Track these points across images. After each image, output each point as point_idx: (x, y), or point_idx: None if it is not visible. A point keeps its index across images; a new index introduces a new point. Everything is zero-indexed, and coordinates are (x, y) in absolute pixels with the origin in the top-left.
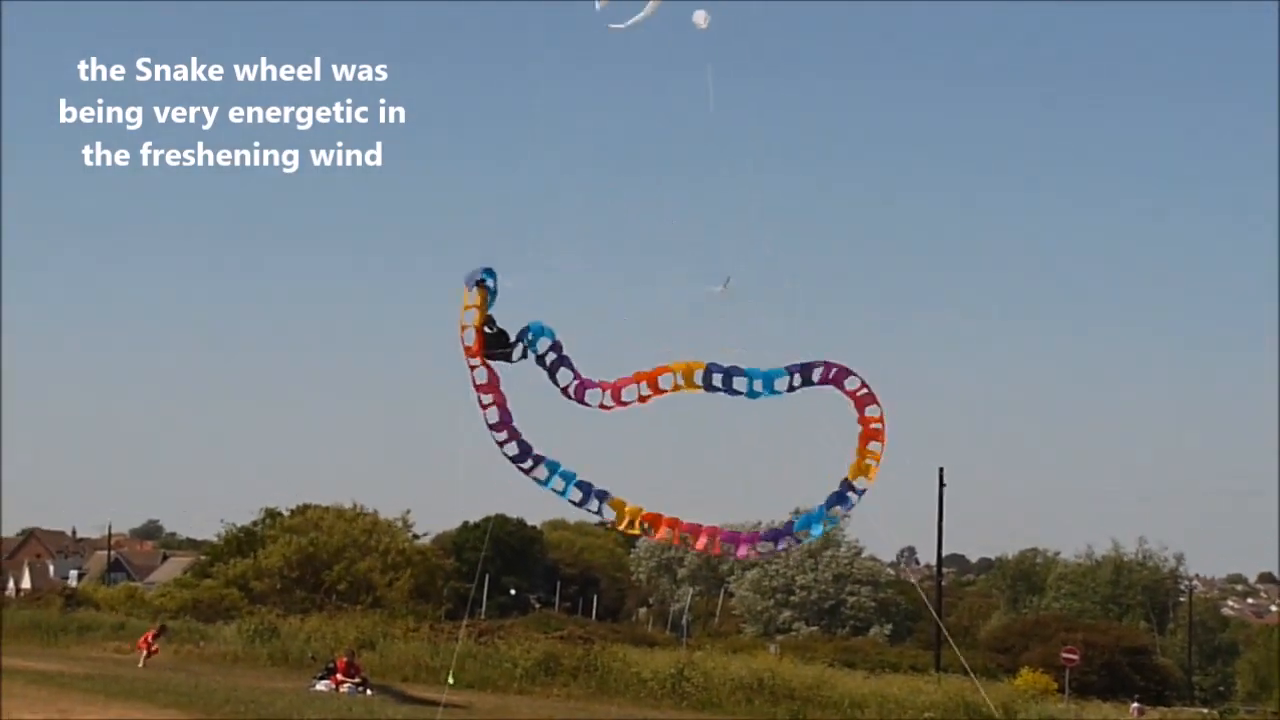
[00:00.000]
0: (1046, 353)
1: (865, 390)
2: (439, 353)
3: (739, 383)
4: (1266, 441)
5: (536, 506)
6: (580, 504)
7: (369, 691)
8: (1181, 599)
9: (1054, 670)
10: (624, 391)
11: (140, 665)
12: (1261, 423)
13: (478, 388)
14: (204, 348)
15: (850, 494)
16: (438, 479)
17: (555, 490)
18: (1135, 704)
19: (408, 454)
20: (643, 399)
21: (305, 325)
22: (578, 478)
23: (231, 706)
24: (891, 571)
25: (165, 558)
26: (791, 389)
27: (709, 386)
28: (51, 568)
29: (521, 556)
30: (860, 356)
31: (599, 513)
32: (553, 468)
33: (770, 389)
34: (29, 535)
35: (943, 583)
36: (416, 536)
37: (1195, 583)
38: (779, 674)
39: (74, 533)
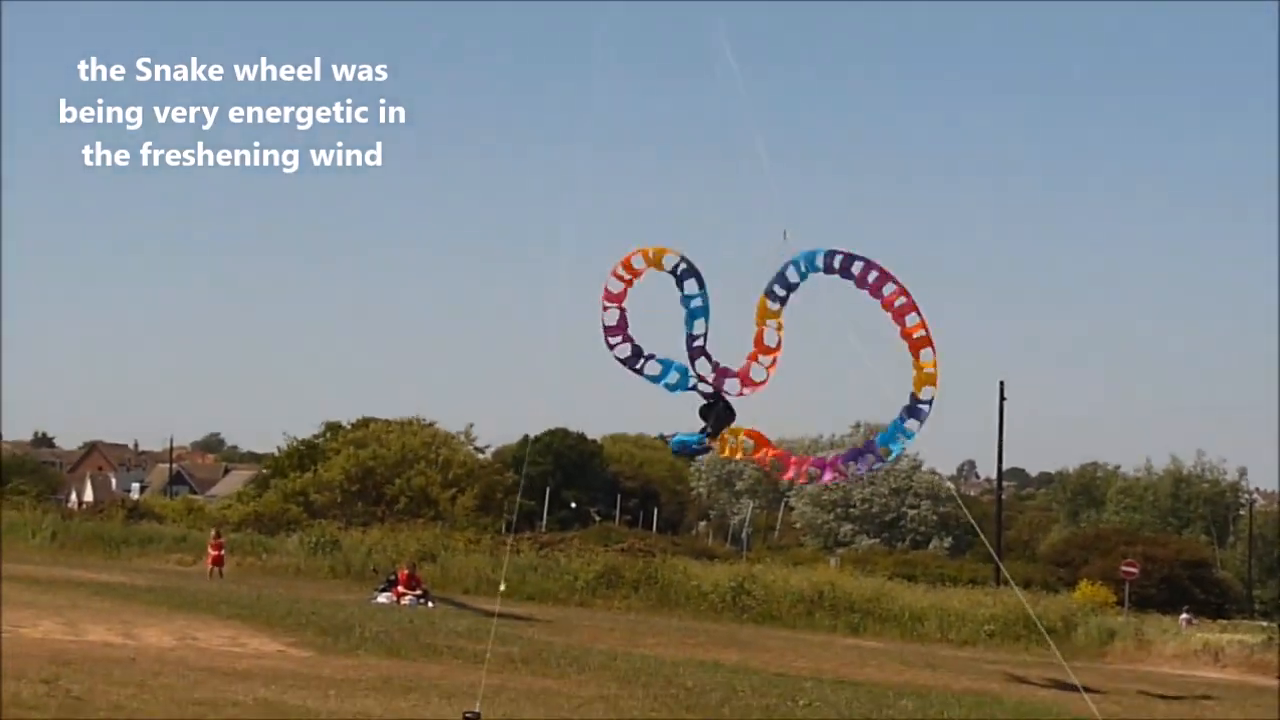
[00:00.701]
0: (1108, 266)
1: (904, 299)
2: (499, 264)
3: (790, 272)
4: None
5: (597, 420)
6: (695, 388)
7: (430, 603)
8: (1242, 512)
9: (1113, 584)
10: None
11: (209, 576)
12: None
13: (609, 295)
14: (264, 258)
15: (921, 405)
16: (500, 392)
17: (668, 385)
18: (1185, 615)
19: (471, 367)
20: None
21: (369, 236)
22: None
23: (294, 618)
24: (950, 485)
25: (227, 471)
26: (829, 269)
27: (780, 299)
28: (114, 480)
29: (582, 470)
30: (919, 271)
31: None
32: (665, 365)
33: (812, 265)
34: (91, 448)
35: (1002, 497)
36: (479, 450)
37: (1256, 496)
38: (839, 587)
39: (136, 446)
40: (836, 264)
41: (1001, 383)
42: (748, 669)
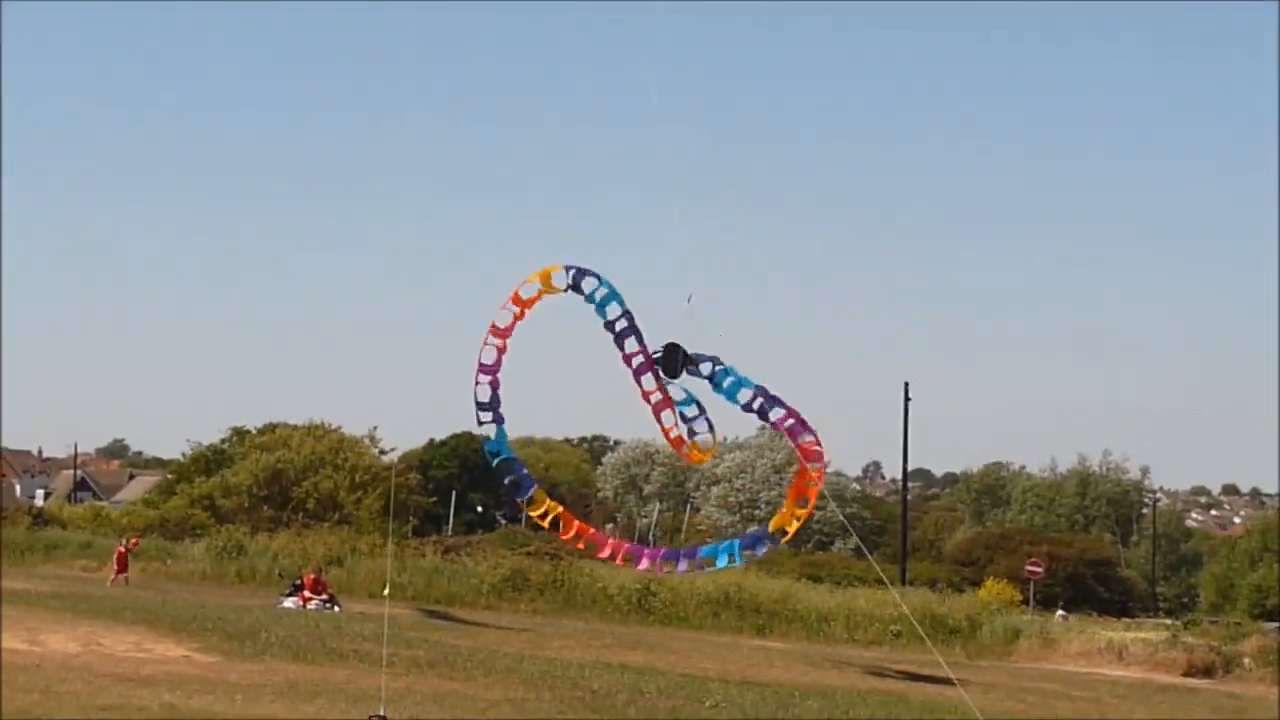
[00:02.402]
0: (1014, 266)
1: (817, 447)
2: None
3: (704, 367)
4: (1230, 355)
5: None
6: (508, 481)
7: (336, 608)
8: (1146, 511)
9: (1019, 583)
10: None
11: (109, 584)
12: (1225, 336)
13: (495, 329)
14: (170, 266)
15: (769, 541)
16: (404, 396)
17: (490, 453)
18: (1060, 612)
19: (375, 372)
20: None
21: (273, 241)
22: (513, 455)
23: (199, 623)
24: (857, 486)
25: (132, 476)
26: (748, 409)
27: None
28: (18, 487)
29: (487, 473)
30: (829, 276)
31: (521, 496)
32: (500, 438)
33: (733, 395)
34: None
35: (908, 497)
36: (383, 453)
37: (1160, 495)
38: (745, 588)
39: (40, 452)
40: (755, 406)
41: (906, 384)
42: (654, 670)
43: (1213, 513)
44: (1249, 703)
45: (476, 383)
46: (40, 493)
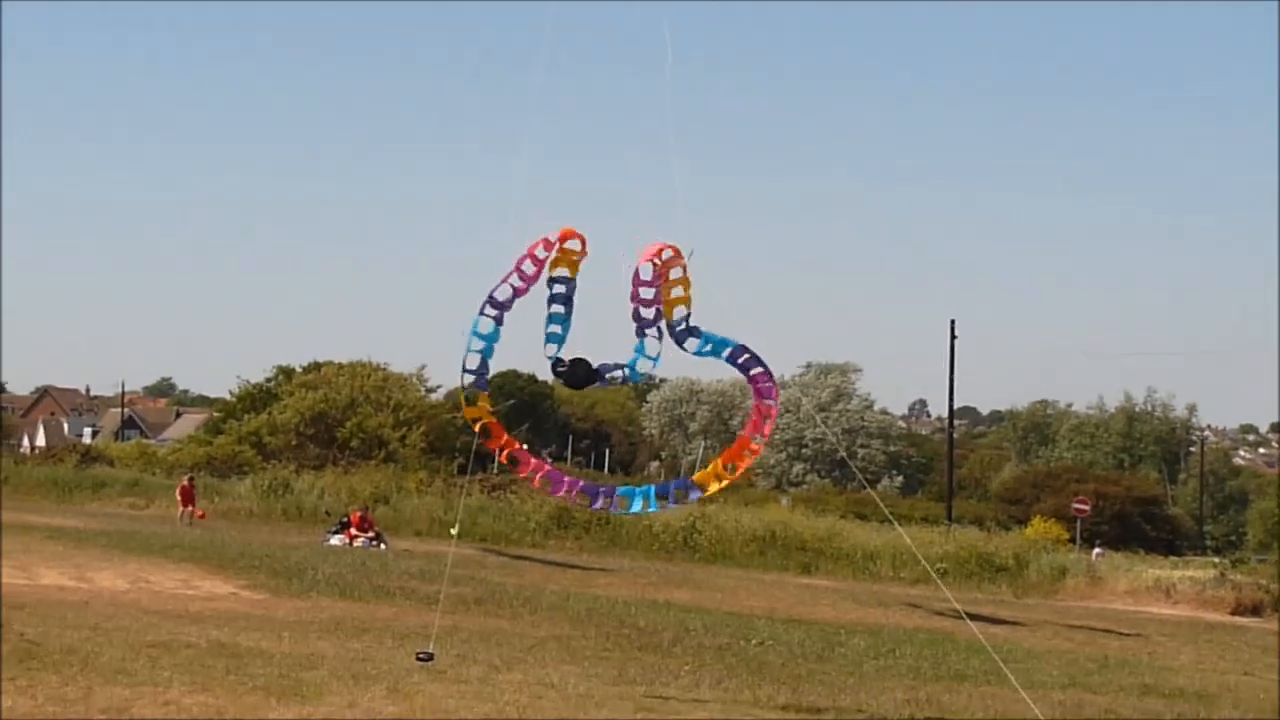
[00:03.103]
0: (1061, 203)
1: (771, 416)
2: (455, 208)
3: (690, 343)
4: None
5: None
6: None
7: (383, 545)
8: (1193, 449)
9: (1065, 521)
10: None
11: (181, 521)
12: (1274, 272)
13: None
14: (217, 202)
15: (690, 492)
16: (452, 335)
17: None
18: (1097, 550)
19: (421, 309)
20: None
21: (320, 181)
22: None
23: (246, 561)
24: (903, 424)
25: (179, 415)
26: (732, 359)
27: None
28: (66, 425)
29: (533, 411)
30: (871, 211)
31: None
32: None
33: (717, 352)
34: (43, 393)
35: (954, 435)
36: (430, 391)
37: (1207, 433)
38: (791, 526)
39: (88, 391)
40: (739, 360)
41: (952, 321)
42: (700, 608)
43: (1260, 451)
44: None
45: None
46: (88, 431)
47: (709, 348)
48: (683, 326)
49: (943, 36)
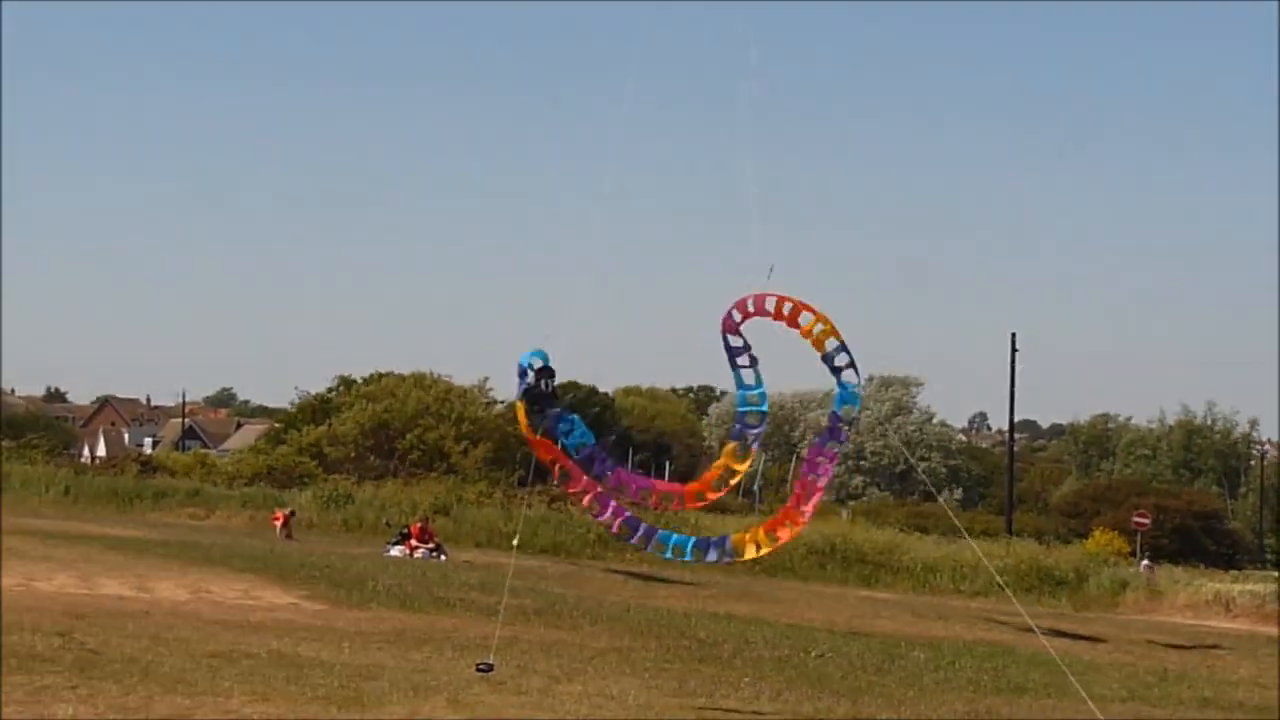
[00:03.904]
0: (1120, 217)
1: (816, 493)
2: (516, 218)
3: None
4: None
5: (609, 373)
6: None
7: (443, 557)
8: (1253, 463)
9: (1125, 535)
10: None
11: (279, 539)
12: None
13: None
14: (281, 214)
15: (723, 553)
16: (513, 346)
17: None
18: (1145, 563)
19: (484, 321)
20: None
21: (383, 190)
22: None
23: (307, 571)
24: (963, 438)
25: (239, 425)
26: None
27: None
28: (126, 435)
29: (594, 423)
30: (932, 224)
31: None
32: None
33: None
34: (103, 403)
35: (1014, 448)
36: (490, 404)
37: (1268, 447)
38: (851, 539)
39: (148, 401)
40: (833, 425)
41: (1013, 334)
42: (760, 620)
43: None
44: None
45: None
46: (148, 440)
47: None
48: (845, 362)
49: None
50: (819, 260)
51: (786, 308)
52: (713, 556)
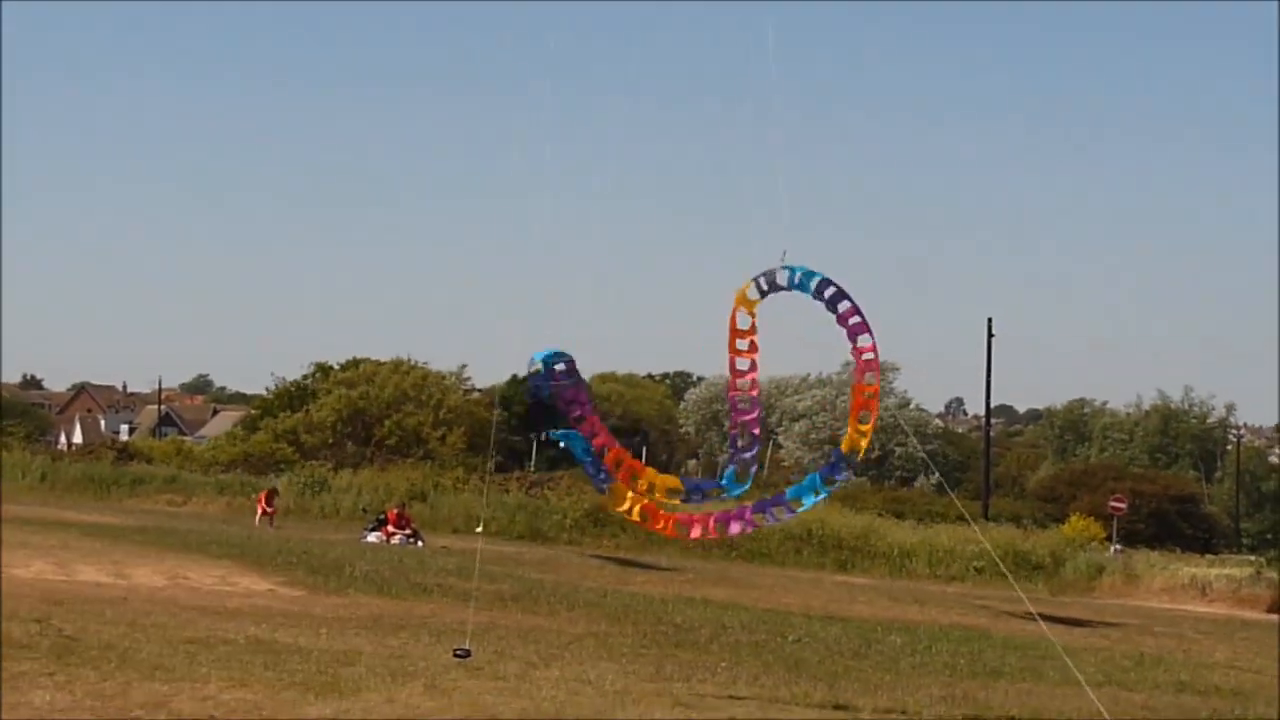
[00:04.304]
0: (1095, 203)
1: (872, 355)
2: (488, 204)
3: (781, 275)
4: None
5: (585, 359)
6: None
7: (420, 543)
8: (1229, 447)
9: (1102, 519)
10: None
11: (256, 524)
12: None
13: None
14: (255, 200)
15: (844, 466)
16: (488, 332)
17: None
18: (1116, 547)
19: (459, 306)
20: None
21: (358, 175)
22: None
23: (284, 557)
24: (940, 423)
25: (215, 412)
26: (818, 294)
27: (762, 293)
28: (103, 422)
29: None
30: (907, 210)
31: (601, 489)
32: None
33: (805, 285)
34: (80, 390)
35: (991, 433)
36: (469, 392)
37: (1244, 431)
38: (827, 524)
39: (124, 388)
40: (826, 294)
41: (990, 319)
42: (737, 605)
43: None
44: None
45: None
46: (125, 427)
47: (797, 278)
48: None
49: (976, 38)
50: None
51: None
52: (842, 474)
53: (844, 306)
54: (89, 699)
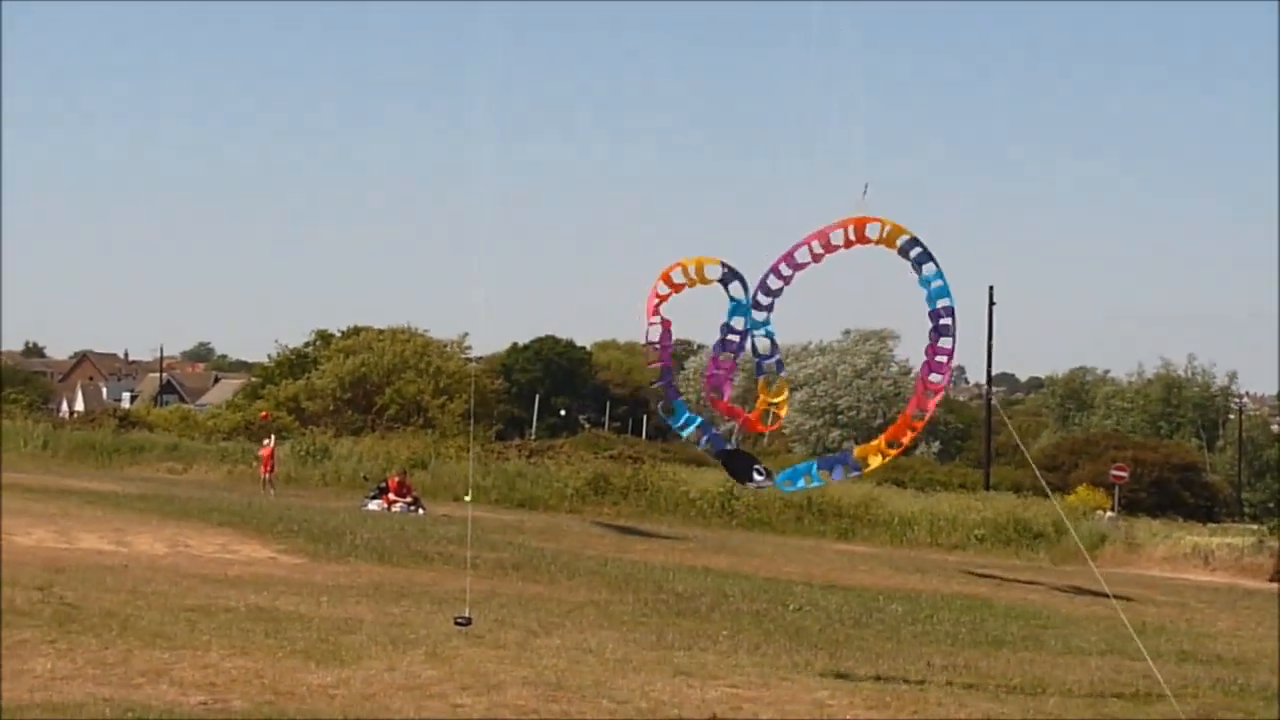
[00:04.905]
0: (1099, 172)
1: (937, 393)
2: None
3: (926, 268)
4: None
5: (586, 327)
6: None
7: (421, 510)
8: (1231, 416)
9: (1104, 488)
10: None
11: (263, 488)
12: None
13: (650, 309)
14: (256, 165)
15: (848, 468)
16: (490, 300)
17: (678, 429)
18: (1109, 513)
19: (461, 274)
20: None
21: (358, 145)
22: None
23: (285, 525)
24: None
25: (217, 380)
26: (934, 318)
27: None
28: (104, 390)
29: (571, 377)
30: (908, 177)
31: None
32: (679, 409)
33: (930, 299)
34: (81, 358)
35: (992, 402)
36: (469, 360)
37: (1246, 400)
38: (828, 493)
39: (126, 355)
40: (937, 322)
41: (991, 288)
42: (738, 574)
43: None
44: None
45: (649, 362)
46: (126, 395)
47: (927, 287)
48: (918, 250)
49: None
50: (793, 207)
51: (851, 230)
52: (838, 475)
53: (942, 342)
54: (90, 667)
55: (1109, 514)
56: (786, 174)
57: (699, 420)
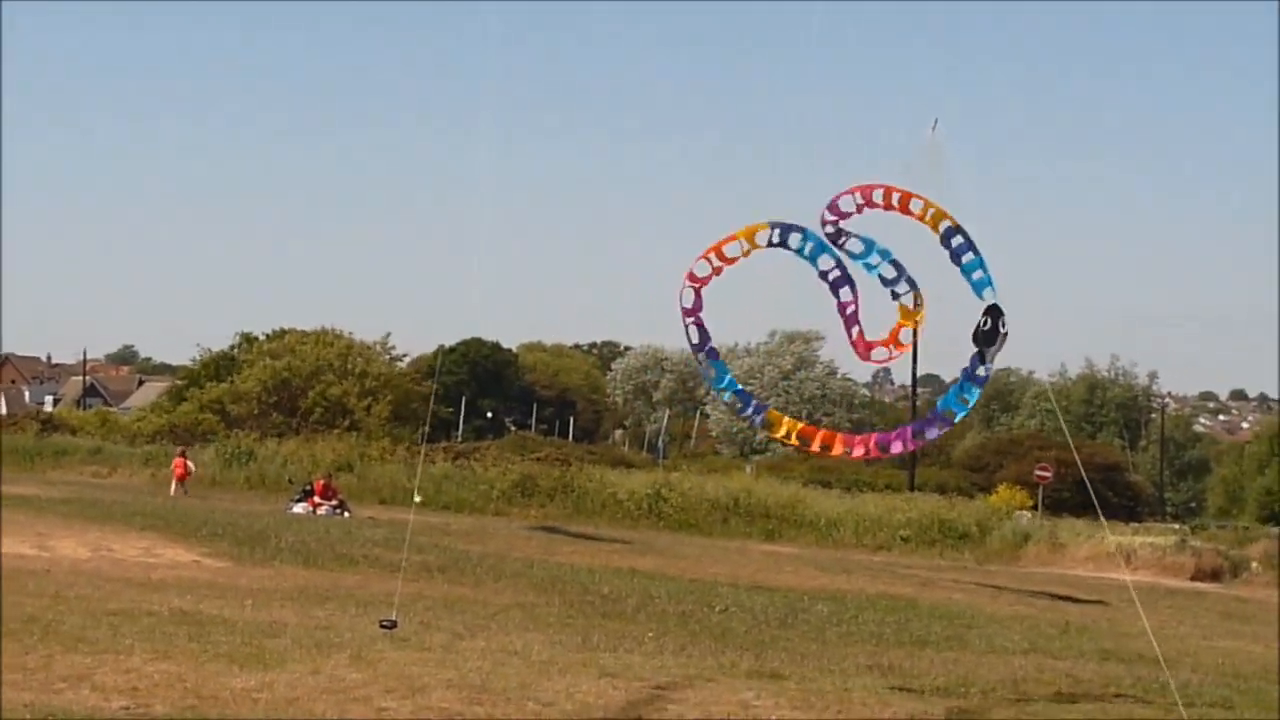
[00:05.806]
0: (1024, 170)
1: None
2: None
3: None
4: (1239, 262)
5: (512, 329)
6: (739, 412)
7: (346, 513)
8: (1154, 416)
9: (1027, 488)
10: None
11: (172, 493)
12: (1233, 242)
13: (691, 278)
14: (179, 170)
15: (941, 423)
16: (416, 302)
17: (719, 389)
18: (1024, 512)
19: (385, 277)
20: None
21: (282, 147)
22: (740, 387)
23: (209, 528)
24: (866, 392)
25: (141, 383)
26: (946, 244)
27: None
28: (27, 393)
29: (497, 379)
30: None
31: (754, 424)
32: (721, 374)
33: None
34: (3, 361)
35: (917, 403)
36: (395, 360)
37: (1168, 400)
38: (755, 494)
39: (49, 359)
40: (952, 243)
41: (913, 282)
42: (664, 576)
43: (1220, 418)
44: (1255, 606)
45: (685, 325)
46: (49, 399)
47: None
48: (959, 239)
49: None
50: (732, 211)
51: (895, 198)
52: (934, 433)
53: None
54: (11, 671)
55: (1028, 514)
56: (784, 174)
57: (740, 388)
